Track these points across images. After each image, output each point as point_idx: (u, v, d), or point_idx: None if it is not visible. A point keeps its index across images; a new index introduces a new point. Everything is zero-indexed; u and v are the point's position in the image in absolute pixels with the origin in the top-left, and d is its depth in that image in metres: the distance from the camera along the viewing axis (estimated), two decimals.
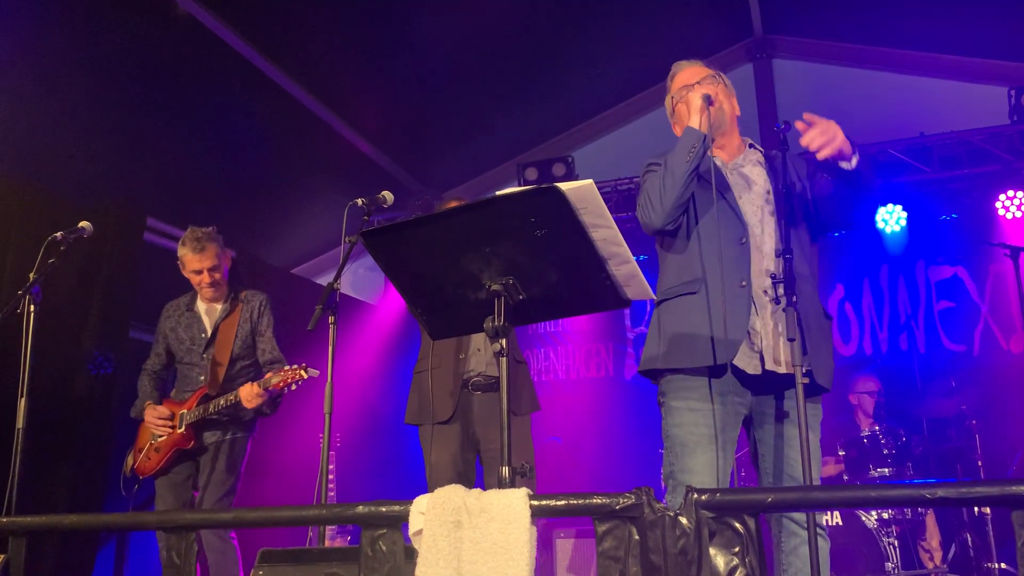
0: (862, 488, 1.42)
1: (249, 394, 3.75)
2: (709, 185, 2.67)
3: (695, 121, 2.62)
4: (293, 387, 3.74)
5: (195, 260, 3.97)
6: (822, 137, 2.44)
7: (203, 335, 4.05)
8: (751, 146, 2.85)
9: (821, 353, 2.59)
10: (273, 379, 3.73)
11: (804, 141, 2.47)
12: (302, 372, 3.70)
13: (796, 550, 2.56)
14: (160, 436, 3.94)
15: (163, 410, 3.94)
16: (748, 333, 2.56)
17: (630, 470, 6.42)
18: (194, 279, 4.03)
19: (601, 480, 6.56)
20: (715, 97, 2.66)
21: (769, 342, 2.57)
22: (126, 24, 4.79)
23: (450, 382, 3.60)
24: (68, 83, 4.91)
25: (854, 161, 2.49)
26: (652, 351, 2.69)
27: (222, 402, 3.83)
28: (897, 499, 1.43)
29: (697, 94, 2.65)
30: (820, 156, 2.46)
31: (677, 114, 2.84)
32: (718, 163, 2.76)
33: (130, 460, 4.10)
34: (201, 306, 4.12)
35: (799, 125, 2.49)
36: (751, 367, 2.57)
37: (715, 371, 2.56)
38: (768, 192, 2.72)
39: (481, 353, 3.65)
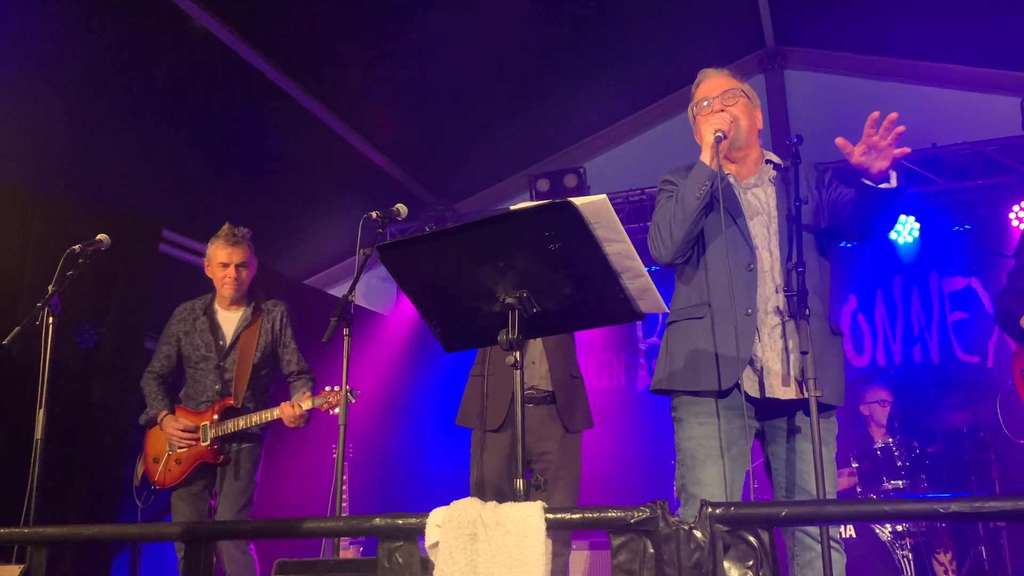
0: (875, 502, 1.43)
1: (291, 415, 3.75)
2: (720, 207, 2.67)
3: (706, 157, 2.61)
4: (336, 411, 3.62)
5: (225, 253, 3.95)
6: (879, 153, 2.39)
7: (221, 342, 3.99)
8: (768, 161, 2.83)
9: (829, 370, 2.60)
10: (317, 400, 3.72)
11: (857, 159, 2.41)
12: (349, 396, 3.58)
13: (811, 564, 2.55)
14: (181, 448, 3.91)
15: (186, 423, 3.90)
16: (752, 358, 2.59)
17: (643, 481, 6.41)
18: (219, 273, 3.98)
19: (613, 491, 6.55)
20: (729, 130, 2.63)
21: (772, 367, 2.58)
22: (142, 38, 4.85)
23: (503, 392, 3.61)
24: (85, 96, 4.97)
25: (893, 179, 2.46)
26: (661, 372, 2.75)
27: (254, 419, 3.81)
28: (910, 513, 1.43)
29: (711, 129, 2.62)
30: (876, 169, 2.41)
31: (696, 127, 2.85)
32: (731, 180, 2.76)
33: (140, 468, 4.07)
34: (219, 312, 4.07)
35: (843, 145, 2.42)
36: (753, 390, 2.60)
37: (721, 393, 2.58)
38: (779, 211, 2.71)
39: (535, 366, 3.66)
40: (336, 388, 3.69)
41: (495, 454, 3.57)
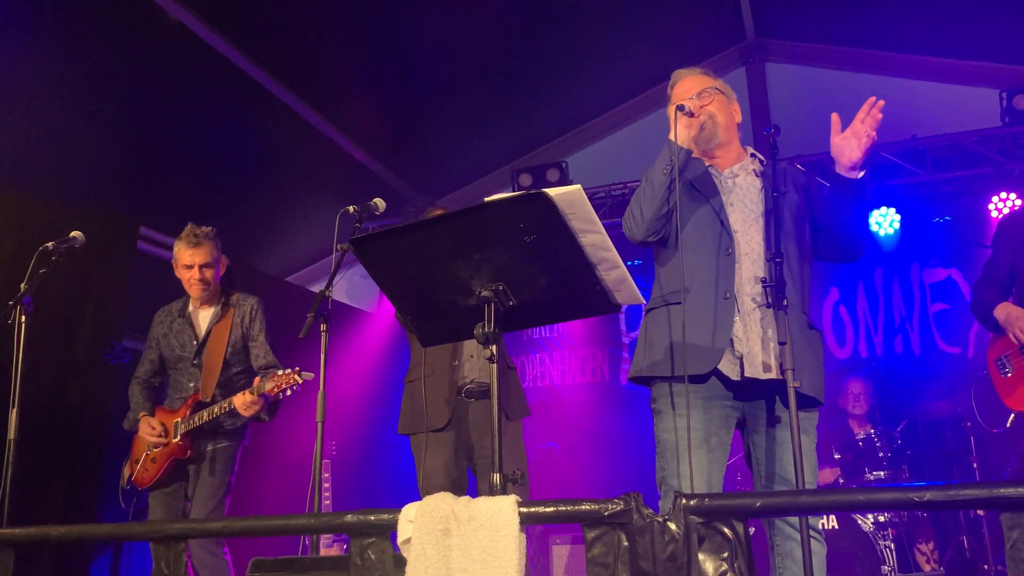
0: (851, 492, 1.42)
1: (243, 402, 3.68)
2: (698, 194, 2.69)
3: (672, 133, 2.65)
4: (288, 392, 3.64)
5: (187, 255, 3.92)
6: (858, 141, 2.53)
7: (194, 341, 4.00)
8: (752, 155, 2.84)
9: (806, 363, 2.60)
10: (267, 385, 3.65)
11: (836, 139, 2.56)
12: (296, 376, 3.61)
13: (791, 553, 2.55)
14: (156, 448, 3.89)
15: (155, 423, 3.88)
16: (731, 340, 2.59)
17: (626, 475, 6.40)
18: (184, 275, 3.97)
19: (597, 485, 6.54)
20: (693, 107, 2.68)
21: (752, 348, 2.58)
22: (118, 33, 4.79)
23: (445, 390, 3.60)
24: (61, 92, 4.90)
25: (862, 174, 2.57)
26: (639, 360, 2.77)
27: (216, 410, 3.78)
28: (886, 503, 1.42)
29: (673, 106, 2.69)
30: (846, 158, 2.55)
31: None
32: (713, 171, 2.77)
33: (127, 472, 4.05)
34: (193, 311, 4.07)
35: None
36: (734, 373, 2.60)
37: (700, 378, 2.58)
38: (760, 200, 2.72)
39: (474, 360, 3.66)
40: (287, 371, 3.65)
41: (440, 453, 3.56)
